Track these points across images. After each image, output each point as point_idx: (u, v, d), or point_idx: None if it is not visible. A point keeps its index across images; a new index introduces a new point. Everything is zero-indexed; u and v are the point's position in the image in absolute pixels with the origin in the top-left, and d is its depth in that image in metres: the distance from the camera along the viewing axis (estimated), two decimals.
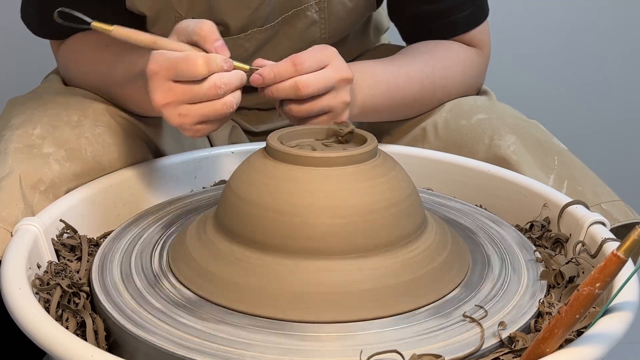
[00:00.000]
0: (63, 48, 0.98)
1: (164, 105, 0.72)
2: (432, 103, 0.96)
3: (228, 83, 0.72)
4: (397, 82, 0.90)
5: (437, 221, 0.71)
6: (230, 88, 0.72)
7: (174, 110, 0.72)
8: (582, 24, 1.82)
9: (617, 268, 0.49)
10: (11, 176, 0.75)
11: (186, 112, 0.72)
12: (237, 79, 0.73)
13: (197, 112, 0.72)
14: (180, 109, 0.72)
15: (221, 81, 0.71)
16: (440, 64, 0.95)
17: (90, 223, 0.78)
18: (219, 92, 0.71)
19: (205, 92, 0.71)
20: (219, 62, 0.72)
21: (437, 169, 0.90)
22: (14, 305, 0.58)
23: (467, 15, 0.97)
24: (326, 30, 0.99)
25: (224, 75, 0.72)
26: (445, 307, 0.62)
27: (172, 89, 0.72)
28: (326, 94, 0.77)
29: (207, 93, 0.71)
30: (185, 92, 0.71)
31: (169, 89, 0.72)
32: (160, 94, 0.72)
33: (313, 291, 0.60)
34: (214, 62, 0.71)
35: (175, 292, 0.64)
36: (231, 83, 0.72)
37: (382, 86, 0.88)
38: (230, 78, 0.72)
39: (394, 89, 0.90)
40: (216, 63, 0.72)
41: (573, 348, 0.53)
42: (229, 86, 0.72)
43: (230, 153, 0.92)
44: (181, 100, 0.72)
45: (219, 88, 0.71)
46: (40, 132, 0.81)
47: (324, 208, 0.62)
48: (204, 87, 0.71)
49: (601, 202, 0.83)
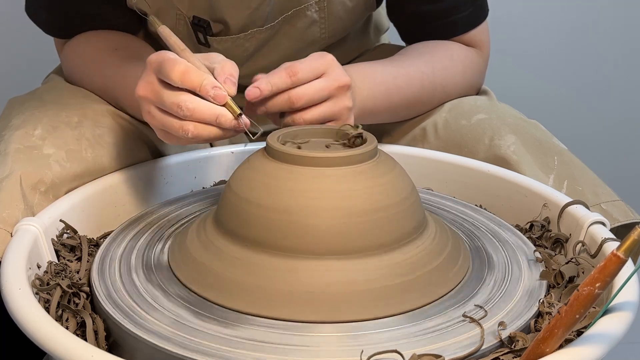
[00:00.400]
0: (68, 46, 0.98)
1: (140, 97, 0.72)
2: (432, 103, 0.96)
3: (192, 109, 0.68)
4: (397, 83, 0.90)
5: (437, 221, 0.71)
6: (194, 116, 0.68)
7: (146, 105, 0.72)
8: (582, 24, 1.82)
9: (617, 268, 0.49)
10: (11, 177, 0.75)
11: (153, 114, 0.71)
12: (209, 114, 0.68)
13: (159, 119, 0.71)
14: (150, 108, 0.71)
15: (185, 104, 0.68)
16: (440, 64, 0.95)
17: (90, 223, 0.78)
18: (179, 112, 0.68)
19: (169, 105, 0.69)
20: (203, 83, 0.68)
21: (437, 169, 0.90)
22: (14, 305, 0.58)
23: (466, 16, 0.97)
24: (326, 29, 0.99)
25: (194, 100, 0.68)
26: (445, 307, 0.62)
27: (152, 84, 0.71)
28: (324, 102, 0.76)
29: (170, 106, 0.69)
30: (157, 93, 0.70)
31: (149, 83, 0.71)
32: (142, 84, 0.71)
33: (313, 291, 0.60)
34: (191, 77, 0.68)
35: (175, 292, 0.64)
36: (196, 111, 0.68)
37: (382, 88, 0.88)
38: (198, 106, 0.68)
39: (393, 90, 0.90)
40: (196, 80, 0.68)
41: (573, 348, 0.53)
42: (192, 112, 0.68)
43: (230, 153, 0.92)
44: (152, 99, 0.71)
45: (179, 108, 0.68)
46: (40, 133, 0.81)
47: (323, 208, 0.62)
48: (169, 99, 0.69)
49: (601, 202, 0.83)
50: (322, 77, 0.76)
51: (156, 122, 0.71)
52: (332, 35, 1.01)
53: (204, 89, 0.68)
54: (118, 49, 0.92)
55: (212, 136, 0.70)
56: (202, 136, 0.69)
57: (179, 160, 0.90)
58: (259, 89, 0.72)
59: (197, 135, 0.69)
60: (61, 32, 0.99)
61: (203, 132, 0.69)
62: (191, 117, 0.68)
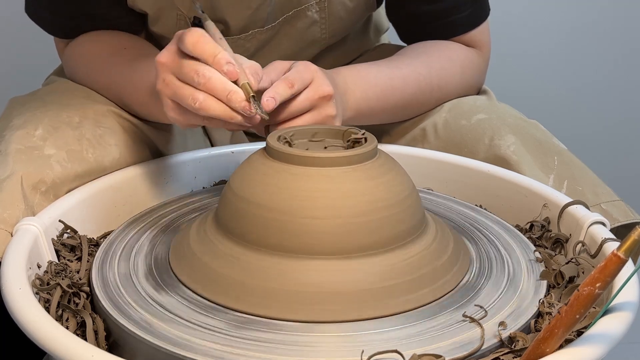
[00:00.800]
0: (71, 46, 0.98)
1: (159, 63, 0.72)
2: (430, 104, 0.96)
3: (208, 78, 0.68)
4: (392, 84, 0.90)
5: (437, 221, 0.71)
6: (208, 85, 0.68)
7: (163, 72, 0.72)
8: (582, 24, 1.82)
9: (617, 268, 0.49)
10: (12, 177, 0.75)
11: (167, 82, 0.71)
12: (222, 87, 0.68)
13: (172, 87, 0.71)
14: (166, 75, 0.72)
15: (202, 71, 0.68)
16: (438, 64, 0.95)
17: (90, 223, 0.78)
18: (194, 78, 0.68)
19: (187, 71, 0.69)
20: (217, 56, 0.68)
21: (437, 169, 0.90)
22: (14, 305, 0.58)
23: (466, 16, 0.97)
24: (326, 30, 0.99)
25: (211, 70, 0.68)
26: (445, 307, 0.62)
27: (173, 52, 0.71)
28: (307, 112, 0.76)
29: (187, 72, 0.69)
30: (176, 61, 0.70)
31: (171, 51, 0.72)
32: (164, 52, 0.72)
33: (313, 291, 0.60)
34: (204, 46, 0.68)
35: (175, 292, 0.64)
36: (211, 80, 0.68)
37: (377, 89, 0.88)
38: (214, 77, 0.68)
39: (389, 92, 0.90)
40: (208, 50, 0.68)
41: (573, 348, 0.53)
42: (206, 80, 0.68)
43: (230, 153, 0.92)
44: (170, 66, 0.71)
45: (196, 73, 0.68)
46: (41, 134, 0.81)
47: (323, 208, 0.62)
48: (187, 65, 0.69)
49: (601, 202, 0.83)
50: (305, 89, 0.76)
51: (169, 90, 0.71)
52: (333, 36, 1.01)
53: (218, 62, 0.69)
54: (126, 48, 0.92)
55: (219, 113, 0.69)
56: (209, 109, 0.68)
57: (179, 160, 0.90)
58: (274, 100, 0.71)
59: (205, 107, 0.68)
60: (65, 32, 0.99)
61: (211, 105, 0.68)
62: (204, 86, 0.68)
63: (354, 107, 0.86)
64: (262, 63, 0.77)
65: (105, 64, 0.92)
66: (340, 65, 1.09)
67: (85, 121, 0.85)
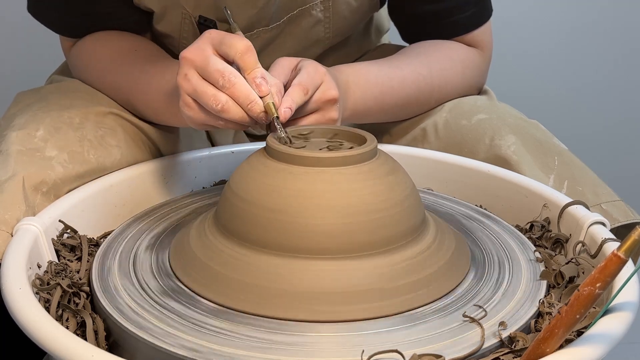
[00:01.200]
0: (78, 46, 0.98)
1: (185, 58, 0.72)
2: (430, 104, 0.96)
3: (234, 83, 0.69)
4: (391, 85, 0.90)
5: (437, 221, 0.71)
6: (232, 89, 0.69)
7: (186, 67, 0.72)
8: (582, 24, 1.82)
9: (617, 268, 0.49)
10: (14, 179, 0.75)
11: (189, 77, 0.71)
12: (246, 93, 0.69)
13: (194, 83, 0.71)
14: (189, 70, 0.71)
15: (229, 75, 0.69)
16: (438, 64, 0.95)
17: (90, 223, 0.78)
18: (218, 80, 0.69)
19: (212, 70, 0.70)
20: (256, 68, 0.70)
21: (437, 169, 0.90)
22: (14, 305, 0.58)
23: (469, 16, 0.97)
24: (330, 29, 0.99)
25: (238, 76, 0.70)
26: (446, 307, 0.62)
27: (203, 50, 0.71)
28: (312, 114, 0.77)
29: (212, 72, 0.70)
30: (205, 58, 0.70)
31: (201, 49, 0.71)
32: (192, 48, 0.72)
33: (313, 291, 0.60)
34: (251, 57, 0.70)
35: (176, 292, 0.64)
36: (236, 85, 0.69)
37: (376, 90, 0.89)
38: (239, 82, 0.69)
39: (387, 92, 0.90)
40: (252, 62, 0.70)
41: (573, 348, 0.53)
42: (230, 84, 0.69)
43: (230, 153, 0.92)
44: (197, 62, 0.71)
45: (222, 76, 0.69)
46: (42, 134, 0.80)
47: (323, 208, 0.62)
48: (215, 65, 0.70)
49: (601, 202, 0.83)
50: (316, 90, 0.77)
51: (189, 85, 0.71)
52: (336, 35, 1.01)
53: (254, 74, 0.70)
54: (137, 50, 0.92)
55: (237, 119, 0.70)
56: (228, 113, 0.70)
57: (179, 160, 0.90)
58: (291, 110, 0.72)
59: (225, 110, 0.69)
60: (71, 31, 0.99)
61: (231, 109, 0.69)
62: (228, 90, 0.69)
63: (352, 107, 0.86)
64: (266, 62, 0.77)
65: (114, 65, 0.92)
66: None
67: (87, 122, 0.85)
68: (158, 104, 0.84)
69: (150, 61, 0.89)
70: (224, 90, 0.70)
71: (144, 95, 0.87)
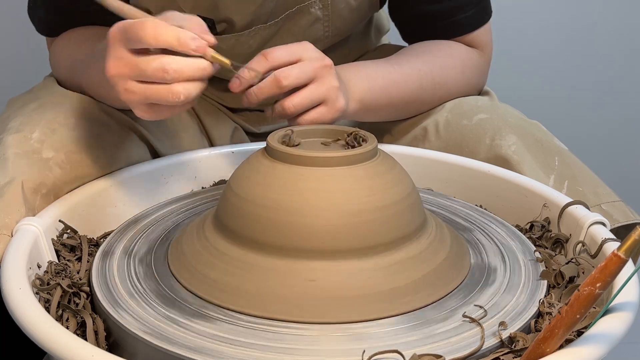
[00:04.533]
0: (53, 45, 0.98)
1: (113, 77, 0.67)
2: (433, 102, 0.96)
3: (179, 70, 0.65)
4: (394, 78, 0.90)
5: (437, 221, 0.71)
6: (182, 76, 0.65)
7: (123, 83, 0.67)
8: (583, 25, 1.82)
9: (617, 268, 0.49)
10: (13, 183, 0.75)
11: (132, 89, 0.67)
12: (195, 69, 0.66)
13: (142, 92, 0.67)
14: (127, 84, 0.67)
15: (170, 66, 0.65)
16: (439, 63, 0.95)
17: (90, 223, 0.78)
18: (165, 77, 0.65)
19: (152, 73, 0.65)
20: (180, 37, 0.64)
21: (437, 169, 0.90)
22: (14, 305, 0.58)
23: (469, 16, 0.97)
24: (329, 27, 0.99)
25: (177, 60, 0.65)
26: (446, 308, 0.62)
27: (123, 58, 0.66)
28: (310, 83, 0.77)
29: (153, 74, 0.65)
30: (133, 66, 0.66)
31: (119, 58, 0.67)
32: (112, 62, 0.67)
33: (313, 292, 0.60)
34: (165, 33, 0.64)
35: (175, 293, 0.64)
36: (183, 71, 0.65)
37: (379, 81, 0.89)
38: (183, 65, 0.65)
39: (392, 86, 0.90)
40: (171, 35, 0.64)
41: (573, 348, 0.53)
42: (179, 74, 0.65)
43: (230, 153, 0.92)
44: (128, 74, 0.66)
45: (165, 72, 0.65)
46: (38, 136, 0.80)
47: (323, 208, 0.62)
48: (150, 66, 0.65)
49: (601, 202, 0.83)
50: (303, 59, 0.78)
51: (138, 96, 0.67)
52: (335, 34, 1.01)
53: (184, 43, 0.65)
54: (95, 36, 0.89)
55: (199, 91, 0.68)
56: (192, 95, 0.67)
57: (179, 160, 0.90)
58: (238, 79, 0.72)
59: (189, 95, 0.66)
60: (51, 30, 0.99)
61: (193, 91, 0.67)
62: (179, 78, 0.66)
63: (358, 97, 0.86)
64: None
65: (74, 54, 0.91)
66: None
67: (82, 122, 0.84)
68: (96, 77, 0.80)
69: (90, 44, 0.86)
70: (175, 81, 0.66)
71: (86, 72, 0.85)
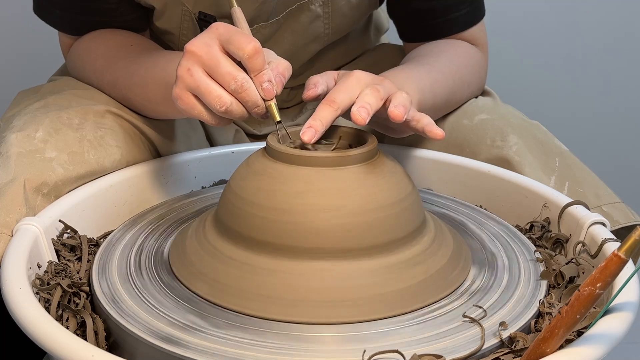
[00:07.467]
0: (78, 43, 0.98)
1: (190, 52, 0.69)
2: (462, 99, 0.95)
3: (246, 90, 0.68)
4: (435, 78, 0.88)
5: (437, 221, 0.71)
6: (240, 94, 0.68)
7: (191, 62, 0.69)
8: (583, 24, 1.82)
9: (617, 268, 0.49)
10: (15, 182, 0.75)
11: (193, 72, 0.68)
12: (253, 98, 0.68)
13: (197, 79, 0.68)
14: (193, 66, 0.69)
15: (242, 82, 0.68)
16: (461, 61, 0.94)
17: (90, 223, 0.78)
18: (229, 84, 0.67)
19: (224, 72, 0.68)
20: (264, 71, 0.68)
21: (437, 169, 0.90)
22: (14, 305, 0.58)
23: (464, 14, 0.98)
24: (329, 25, 0.99)
25: (249, 81, 0.68)
26: (446, 308, 0.62)
27: (211, 46, 0.68)
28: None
29: (224, 73, 0.68)
30: (214, 57, 0.68)
31: (208, 44, 0.69)
32: (199, 43, 0.69)
33: (313, 292, 0.60)
34: (259, 59, 0.68)
35: (175, 293, 0.64)
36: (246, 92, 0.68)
37: (425, 82, 0.86)
38: (250, 88, 0.68)
39: (435, 84, 0.87)
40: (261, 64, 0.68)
41: (573, 348, 0.53)
42: (241, 91, 0.68)
43: (230, 153, 0.92)
44: (204, 59, 0.68)
45: (234, 80, 0.67)
46: (42, 136, 0.80)
47: (323, 208, 0.62)
48: (226, 67, 0.68)
49: (602, 204, 0.83)
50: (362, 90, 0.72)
51: (192, 81, 0.69)
52: (336, 32, 1.01)
53: (261, 77, 0.68)
54: (133, 45, 0.92)
55: (237, 117, 0.70)
56: (231, 114, 0.69)
57: (179, 160, 0.90)
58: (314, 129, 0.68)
59: (229, 112, 0.68)
60: (73, 28, 0.99)
61: (234, 111, 0.69)
62: (239, 95, 0.68)
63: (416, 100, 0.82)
64: None
65: (111, 60, 0.92)
66: (341, 64, 1.09)
67: (86, 122, 0.85)
68: (156, 96, 0.83)
69: (146, 54, 0.88)
70: (235, 94, 0.68)
71: (142, 88, 0.86)
